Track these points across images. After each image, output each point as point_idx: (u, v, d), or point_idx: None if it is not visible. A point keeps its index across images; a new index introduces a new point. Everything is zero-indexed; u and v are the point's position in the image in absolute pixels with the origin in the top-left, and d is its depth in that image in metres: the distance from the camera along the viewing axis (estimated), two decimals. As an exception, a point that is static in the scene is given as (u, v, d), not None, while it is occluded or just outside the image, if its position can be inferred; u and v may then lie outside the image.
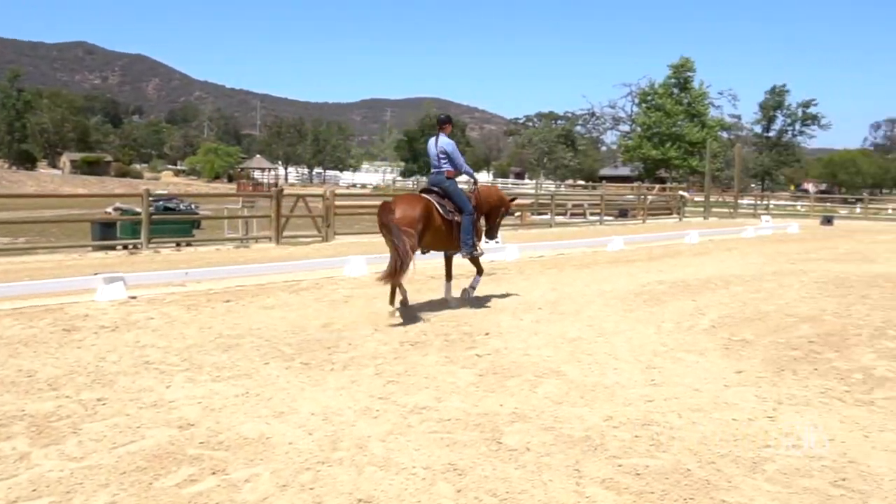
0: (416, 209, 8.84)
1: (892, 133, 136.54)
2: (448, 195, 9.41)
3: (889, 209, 57.83)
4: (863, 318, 9.28)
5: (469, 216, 9.41)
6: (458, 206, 9.39)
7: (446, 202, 9.33)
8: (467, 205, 9.44)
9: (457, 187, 9.58)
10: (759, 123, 77.79)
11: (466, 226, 9.38)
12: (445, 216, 9.21)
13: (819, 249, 19.63)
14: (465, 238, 9.39)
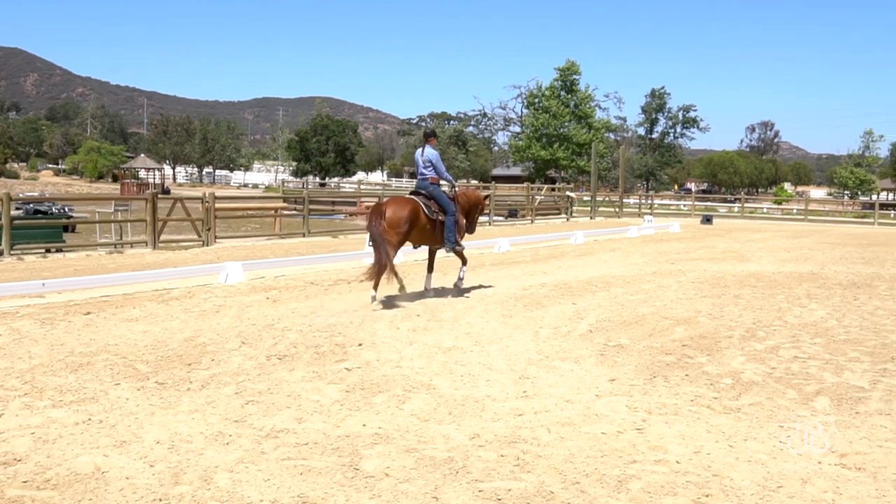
0: (404, 210, 10.24)
1: (766, 135, 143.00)
2: (433, 198, 10.75)
3: (764, 208, 60.52)
4: (735, 319, 9.43)
5: (452, 216, 10.82)
6: (442, 207, 10.77)
7: (431, 203, 10.67)
8: (450, 206, 10.82)
9: (440, 191, 10.90)
10: (642, 126, 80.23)
11: (450, 224, 10.78)
12: (430, 216, 10.58)
13: (698, 249, 20.16)
14: (449, 235, 10.81)
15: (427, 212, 10.56)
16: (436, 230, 10.77)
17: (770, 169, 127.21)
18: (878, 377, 6.64)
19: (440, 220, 10.74)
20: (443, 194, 10.91)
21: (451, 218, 10.82)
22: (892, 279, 13.97)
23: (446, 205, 10.81)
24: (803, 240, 25.17)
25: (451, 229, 10.81)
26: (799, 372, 6.79)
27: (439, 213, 10.75)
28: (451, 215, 10.82)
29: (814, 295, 11.71)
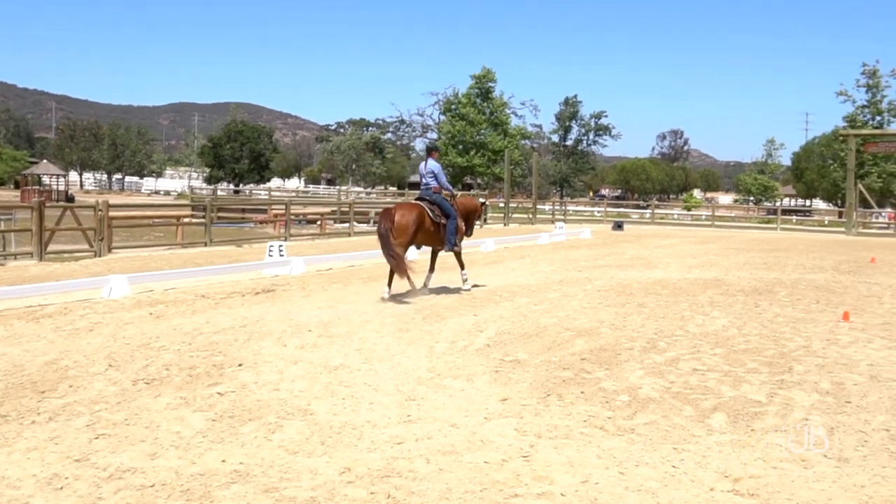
0: (412, 214, 11.59)
1: (676, 143, 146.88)
2: (436, 204, 12.03)
3: (675, 214, 61.84)
4: (637, 329, 9.22)
5: (453, 220, 12.13)
6: (444, 213, 12.06)
7: (435, 208, 11.95)
8: (452, 211, 12.15)
9: (443, 198, 12.18)
10: (556, 133, 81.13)
11: (451, 228, 12.09)
12: (434, 220, 11.88)
13: (607, 255, 20.16)
14: (450, 237, 12.11)
15: (431, 216, 11.87)
16: (439, 233, 12.07)
17: (680, 176, 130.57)
18: (775, 389, 6.47)
19: (442, 223, 12.05)
20: (445, 201, 12.20)
21: (453, 222, 12.15)
22: (793, 285, 14.09)
23: (449, 210, 12.14)
24: (710, 245, 25.54)
25: (452, 233, 12.12)
26: (697, 386, 6.56)
27: (442, 217, 12.04)
28: (453, 220, 12.16)
29: (717, 302, 11.65)
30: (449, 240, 12.13)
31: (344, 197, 51.64)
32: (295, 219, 31.81)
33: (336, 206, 33.27)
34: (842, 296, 12.75)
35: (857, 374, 7.13)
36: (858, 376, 7.03)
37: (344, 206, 30.91)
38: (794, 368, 7.27)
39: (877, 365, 7.51)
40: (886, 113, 55.07)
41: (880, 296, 12.90)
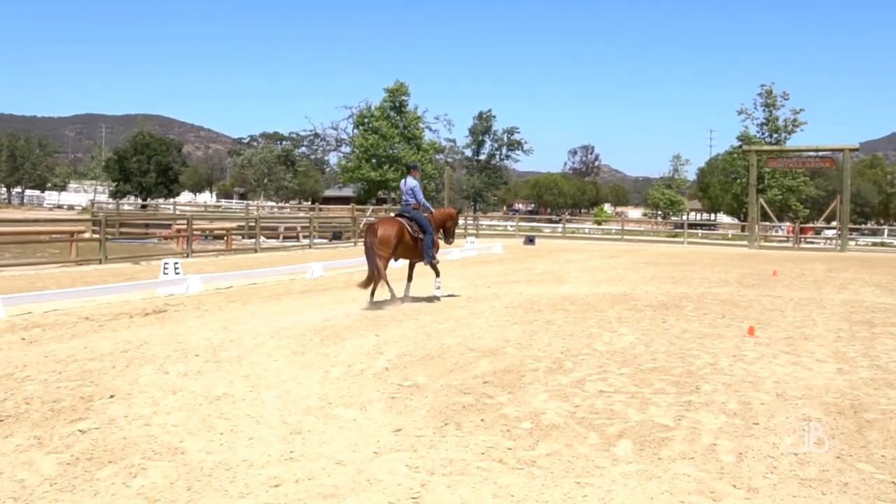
0: (393, 229, 12.60)
1: (587, 158, 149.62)
2: (414, 220, 12.98)
3: (586, 228, 62.67)
4: (544, 348, 8.92)
5: (430, 235, 13.10)
6: (422, 228, 13.00)
7: (413, 224, 12.91)
8: (429, 226, 13.12)
9: (420, 214, 13.16)
10: (469, 147, 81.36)
11: (428, 242, 13.05)
12: (413, 234, 12.86)
13: (517, 271, 19.97)
14: (427, 250, 13.08)
15: (410, 231, 12.85)
16: (416, 247, 13.03)
17: (591, 190, 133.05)
18: (682, 412, 6.21)
19: (420, 238, 12.97)
20: (422, 216, 13.15)
21: (430, 237, 13.12)
22: (699, 299, 14.11)
23: (426, 226, 13.09)
24: (619, 259, 25.70)
25: (429, 246, 13.09)
26: (603, 409, 6.25)
27: (419, 232, 12.98)
28: (430, 234, 13.12)
29: (625, 318, 11.49)
30: (427, 253, 13.12)
31: (255, 212, 50.40)
32: (201, 234, 30.77)
33: (244, 222, 32.27)
34: (746, 309, 12.78)
35: (764, 392, 6.96)
36: (765, 395, 6.85)
37: (251, 220, 29.98)
38: (701, 388, 7.06)
39: (782, 382, 7.36)
40: (782, 131, 57.12)
41: (783, 309, 12.98)
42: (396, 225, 12.74)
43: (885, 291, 16.41)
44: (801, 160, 41.18)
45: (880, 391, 7.11)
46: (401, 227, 12.72)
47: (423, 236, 13.03)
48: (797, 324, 11.34)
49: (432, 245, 13.17)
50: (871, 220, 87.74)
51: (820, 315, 12.34)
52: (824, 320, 11.75)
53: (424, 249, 13.07)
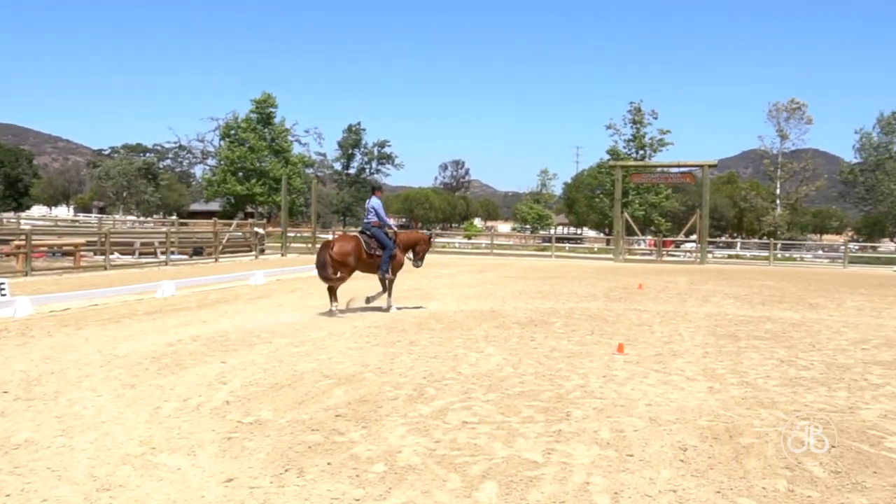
0: (349, 245, 13.48)
1: (457, 173, 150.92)
2: (374, 237, 13.78)
3: (456, 242, 62.60)
4: (405, 372, 8.26)
5: (388, 251, 13.76)
6: (381, 244, 13.76)
7: (372, 241, 13.73)
8: (388, 243, 13.81)
9: (380, 232, 13.86)
10: (339, 161, 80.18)
11: (385, 258, 13.73)
12: (368, 251, 13.61)
13: (384, 287, 19.26)
14: (383, 265, 13.75)
15: (366, 248, 13.62)
16: (374, 262, 13.75)
17: (462, 205, 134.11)
18: (551, 444, 5.67)
19: (377, 254, 13.72)
20: (382, 234, 13.86)
21: (388, 252, 13.77)
22: (567, 314, 13.83)
23: (384, 242, 13.80)
24: (488, 274, 25.44)
25: (385, 262, 13.76)
26: (466, 444, 5.64)
27: (377, 248, 13.75)
28: (388, 250, 13.78)
29: (492, 336, 11.00)
30: (381, 267, 13.74)
31: (110, 226, 47.61)
32: (48, 251, 28.54)
33: (96, 237, 30.15)
34: (615, 325, 12.57)
35: (637, 416, 6.54)
36: (638, 420, 6.43)
37: (101, 235, 28.05)
38: (572, 415, 6.56)
39: (655, 404, 6.98)
40: (648, 148, 59.06)
41: (650, 324, 12.84)
42: (353, 241, 13.65)
43: (745, 303, 16.68)
44: (664, 176, 42.43)
45: (752, 411, 6.83)
46: (357, 244, 13.57)
47: (382, 252, 13.73)
48: (665, 339, 11.15)
49: (389, 260, 13.79)
50: (725, 233, 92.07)
51: (686, 329, 12.25)
52: (691, 335, 11.64)
53: (381, 264, 13.73)
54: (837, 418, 6.63)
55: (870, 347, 10.83)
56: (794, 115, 63.21)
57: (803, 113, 63.33)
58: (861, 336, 11.98)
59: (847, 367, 9.22)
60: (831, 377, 8.53)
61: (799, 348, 10.55)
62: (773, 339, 11.41)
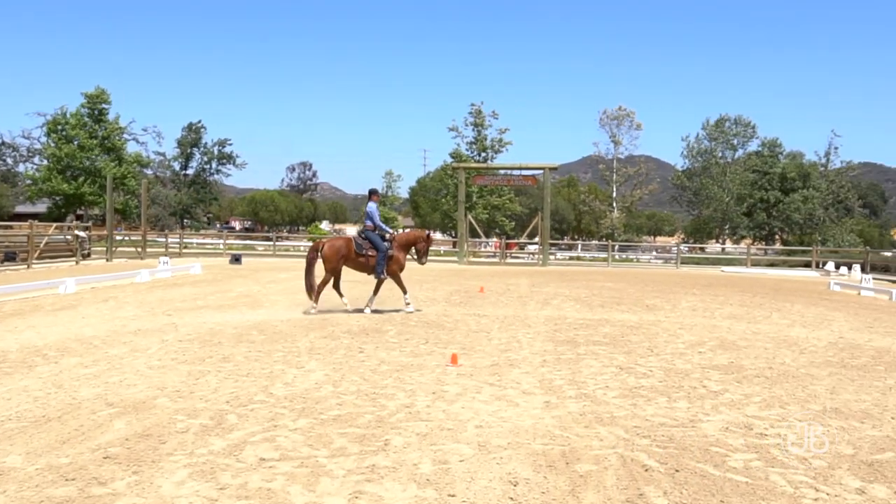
0: (337, 245, 14.52)
1: (304, 175, 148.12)
2: (368, 239, 14.39)
3: (301, 246, 60.85)
4: (207, 396, 7.17)
5: (382, 253, 14.28)
6: (374, 246, 14.30)
7: (365, 243, 14.36)
8: (381, 245, 14.31)
9: (374, 234, 14.38)
10: (177, 160, 76.30)
11: (379, 259, 14.28)
12: (359, 252, 14.32)
13: (210, 294, 17.84)
14: (378, 267, 14.31)
15: (356, 249, 14.34)
16: (368, 263, 14.42)
17: (309, 207, 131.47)
18: (361, 485, 4.79)
19: (370, 255, 14.33)
20: (375, 237, 14.43)
21: (382, 255, 14.34)
22: (403, 321, 13.05)
23: (378, 245, 14.36)
24: (328, 278, 24.32)
25: (380, 263, 14.36)
26: (257, 491, 4.66)
27: (370, 250, 14.34)
28: (382, 253, 14.34)
29: (318, 349, 10.03)
30: (377, 269, 14.40)
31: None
32: None
33: None
34: (452, 332, 11.88)
35: (465, 442, 5.77)
36: (466, 446, 5.66)
37: None
38: (391, 443, 5.71)
39: (486, 426, 6.24)
40: (490, 149, 59.41)
41: (489, 330, 12.25)
42: (342, 242, 14.65)
43: (585, 306, 16.46)
44: (507, 178, 42.53)
45: (591, 429, 6.21)
46: (347, 245, 14.45)
47: (377, 254, 14.29)
48: (503, 347, 10.54)
49: (384, 262, 14.33)
50: (567, 235, 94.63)
51: (525, 335, 11.71)
52: (530, 341, 11.09)
53: (376, 266, 14.35)
54: (679, 434, 6.12)
55: (706, 350, 10.63)
56: (624, 121, 65.67)
57: (632, 120, 65.92)
58: (697, 338, 11.83)
59: (685, 372, 8.88)
60: (671, 385, 8.11)
61: (638, 353, 10.19)
62: (613, 343, 11.03)
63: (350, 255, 14.32)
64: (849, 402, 7.46)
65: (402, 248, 14.79)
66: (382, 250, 14.33)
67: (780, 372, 9.07)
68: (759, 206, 65.03)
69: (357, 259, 14.39)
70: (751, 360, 9.85)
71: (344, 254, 14.30)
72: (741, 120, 68.92)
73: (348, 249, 14.33)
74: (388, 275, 14.53)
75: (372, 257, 14.33)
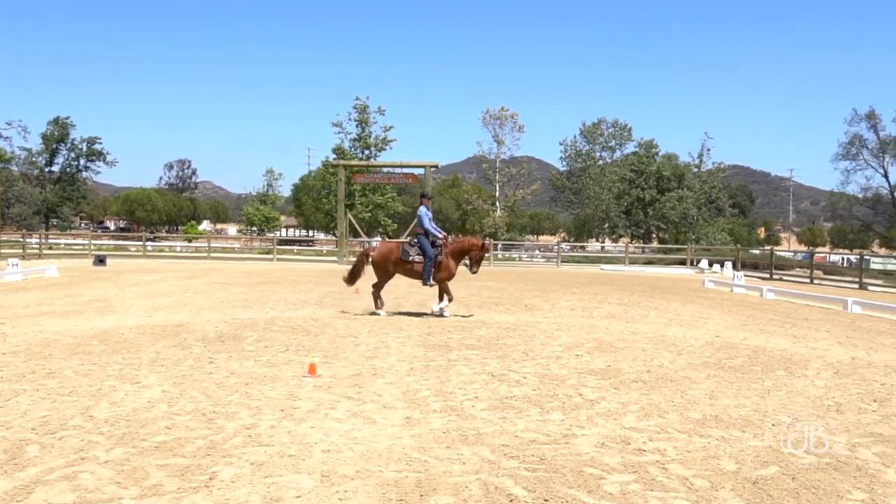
0: (386, 250, 14.55)
1: (183, 173, 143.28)
2: (418, 244, 14.22)
3: (178, 246, 58.34)
4: (12, 421, 6.10)
5: (429, 259, 13.94)
6: (423, 252, 14.04)
7: (413, 248, 14.23)
8: (429, 251, 13.99)
9: (424, 239, 14.13)
10: (41, 156, 71.77)
11: (427, 265, 13.97)
12: (404, 257, 14.19)
13: (60, 299, 16.33)
14: (425, 273, 13.99)
15: (402, 253, 14.08)
16: (414, 268, 14.04)
17: (189, 206, 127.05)
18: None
19: (417, 260, 13.94)
20: (424, 241, 13.98)
21: (429, 261, 13.82)
22: (266, 326, 12.09)
23: (426, 250, 13.89)
24: (196, 280, 22.95)
25: (427, 270, 13.84)
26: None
27: (418, 255, 13.96)
28: (429, 259, 13.82)
29: (163, 359, 9.00)
30: (424, 276, 13.90)
31: None
32: None
33: None
34: (317, 337, 11.02)
35: (307, 472, 4.98)
36: (307, 477, 4.87)
37: None
38: (218, 476, 4.86)
39: (335, 450, 5.47)
40: (373, 147, 58.39)
41: (358, 334, 11.46)
42: (390, 247, 14.59)
43: (462, 307, 15.88)
44: (388, 176, 41.73)
45: (453, 450, 5.52)
46: (393, 250, 14.35)
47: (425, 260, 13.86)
48: (370, 353, 9.77)
49: (431, 268, 13.81)
50: (451, 235, 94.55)
51: (396, 339, 10.99)
52: (399, 346, 10.37)
53: (424, 272, 13.89)
54: (551, 452, 5.51)
55: (583, 353, 10.16)
56: (507, 122, 66.08)
57: (515, 121, 66.42)
58: (574, 340, 11.38)
59: (561, 378, 8.34)
60: (545, 393, 7.53)
61: (512, 358, 9.61)
62: (487, 347, 10.44)
63: (398, 261, 14.16)
64: (728, 409, 7.06)
65: (454, 255, 14.26)
66: (430, 256, 13.90)
67: (658, 375, 8.66)
68: (637, 204, 66.53)
69: (404, 265, 14.14)
70: (628, 363, 9.43)
71: (393, 259, 14.16)
72: (618, 123, 70.53)
73: (396, 255, 14.18)
74: (437, 282, 14.05)
75: (419, 263, 13.98)
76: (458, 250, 14.33)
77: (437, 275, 14.02)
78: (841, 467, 5.35)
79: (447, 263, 14.13)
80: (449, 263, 14.17)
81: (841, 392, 8.04)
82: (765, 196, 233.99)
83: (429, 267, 13.86)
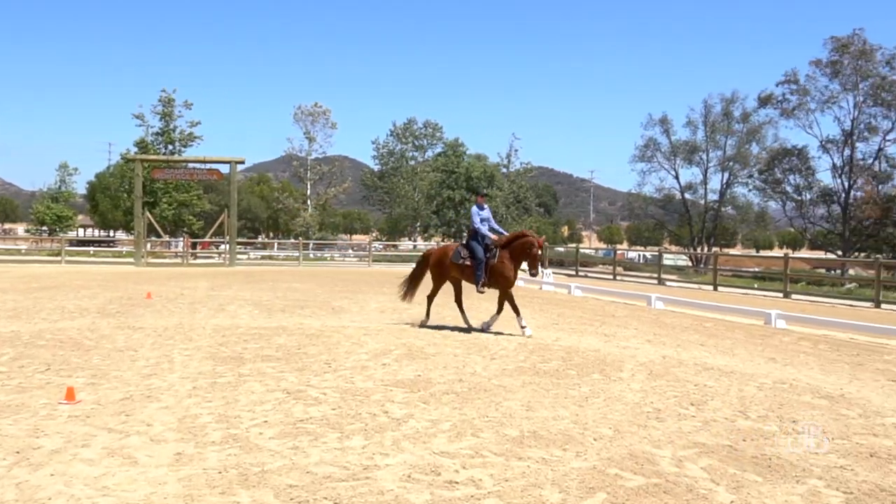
0: (440, 253, 13.18)
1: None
2: (466, 246, 12.57)
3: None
4: None
5: (480, 262, 12.22)
6: (472, 255, 12.34)
7: (463, 250, 12.52)
8: (479, 254, 12.27)
9: (471, 241, 12.52)
10: None
11: (476, 270, 12.25)
12: (454, 260, 12.58)
13: None
14: (476, 278, 12.26)
15: (453, 256, 12.63)
16: (465, 272, 12.55)
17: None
18: None
19: (467, 264, 12.41)
20: (472, 244, 12.45)
21: (478, 264, 12.25)
22: (30, 341, 10.42)
23: (474, 252, 12.34)
24: (-40, 287, 20.24)
25: (477, 275, 12.25)
26: None
27: (467, 258, 12.40)
28: (479, 262, 12.24)
29: None
30: (475, 280, 12.30)
31: None
32: None
33: None
34: (89, 353, 9.57)
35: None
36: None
37: None
38: None
39: (76, 505, 4.32)
40: (178, 142, 54.99)
41: (139, 347, 10.10)
42: (443, 251, 13.19)
43: (264, 312, 14.72)
44: (190, 172, 39.38)
45: (228, 497, 4.53)
46: (444, 253, 13.00)
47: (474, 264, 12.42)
48: (149, 370, 8.51)
49: (481, 272, 12.23)
50: (262, 234, 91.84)
51: (182, 352, 9.73)
52: (185, 360, 9.14)
53: (474, 277, 12.36)
54: (348, 493, 4.63)
55: (391, 361, 9.37)
56: (319, 119, 64.76)
57: (328, 118, 65.21)
58: (382, 346, 10.57)
59: (365, 393, 7.49)
60: (345, 413, 6.65)
61: (313, 370, 8.66)
62: (286, 358, 9.41)
63: (449, 265, 12.76)
64: (547, 422, 6.47)
65: (513, 258, 12.21)
66: (479, 259, 12.26)
67: (471, 385, 8.00)
68: (448, 204, 67.09)
69: (455, 269, 12.70)
70: (440, 372, 8.73)
71: (446, 263, 12.78)
72: (429, 123, 70.94)
73: (447, 258, 12.78)
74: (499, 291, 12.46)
75: (470, 268, 12.40)
76: (519, 251, 12.18)
77: (491, 282, 12.29)
78: (671, 489, 4.84)
79: (500, 267, 12.15)
80: (506, 267, 12.18)
81: (658, 396, 7.71)
82: (567, 196, 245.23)
83: (479, 270, 12.21)
